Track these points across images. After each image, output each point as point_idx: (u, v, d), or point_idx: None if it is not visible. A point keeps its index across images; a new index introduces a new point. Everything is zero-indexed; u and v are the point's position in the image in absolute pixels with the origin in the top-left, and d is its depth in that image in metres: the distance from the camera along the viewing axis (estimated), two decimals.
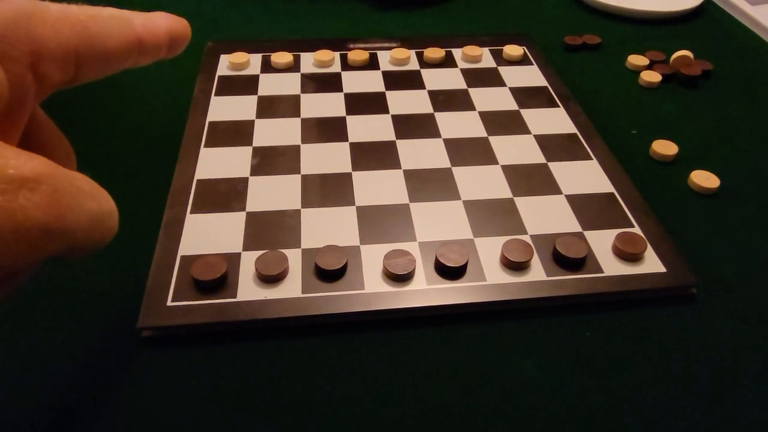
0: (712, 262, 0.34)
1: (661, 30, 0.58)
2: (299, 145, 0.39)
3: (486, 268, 0.31)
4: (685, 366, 0.28)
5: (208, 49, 0.49)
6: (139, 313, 0.28)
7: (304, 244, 0.32)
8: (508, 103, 0.44)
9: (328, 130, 0.41)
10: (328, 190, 0.36)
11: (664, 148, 0.41)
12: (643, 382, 0.28)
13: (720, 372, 0.28)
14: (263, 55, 0.49)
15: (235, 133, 0.40)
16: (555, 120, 0.43)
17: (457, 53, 0.50)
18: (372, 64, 0.48)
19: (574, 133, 0.41)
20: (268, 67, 0.47)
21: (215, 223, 0.33)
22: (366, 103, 0.44)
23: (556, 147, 0.40)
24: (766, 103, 0.48)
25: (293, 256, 0.31)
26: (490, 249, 0.32)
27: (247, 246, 0.32)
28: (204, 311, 0.28)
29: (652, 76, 0.49)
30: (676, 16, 0.60)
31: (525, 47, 0.51)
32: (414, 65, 0.48)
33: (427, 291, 0.30)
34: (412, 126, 0.42)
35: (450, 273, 0.31)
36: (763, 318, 0.31)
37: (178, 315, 0.28)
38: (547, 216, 0.35)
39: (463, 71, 0.48)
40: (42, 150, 0.17)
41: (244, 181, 0.36)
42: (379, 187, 0.36)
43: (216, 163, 0.38)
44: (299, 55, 0.49)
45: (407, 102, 0.44)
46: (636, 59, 0.52)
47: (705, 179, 0.39)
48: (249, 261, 0.31)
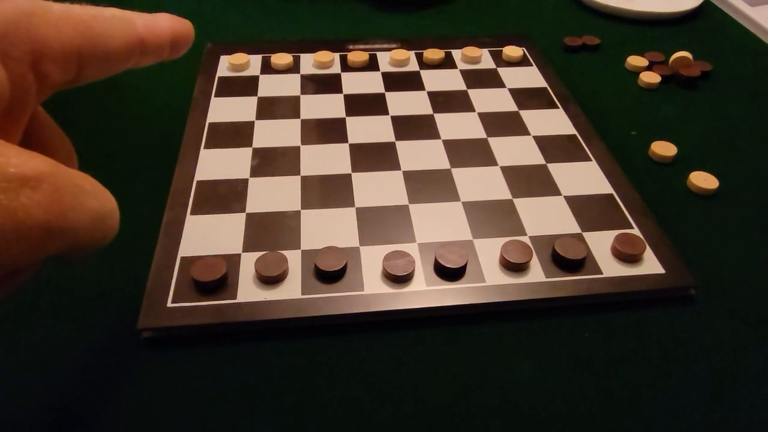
0: (711, 263, 0.34)
1: (660, 31, 0.58)
2: (299, 146, 0.39)
3: (485, 270, 0.31)
4: (684, 366, 0.29)
5: (207, 50, 0.49)
6: (139, 314, 0.28)
7: (303, 246, 0.32)
8: (508, 104, 0.44)
9: (328, 131, 0.41)
10: (328, 192, 0.36)
11: (663, 149, 0.41)
12: (643, 382, 0.28)
13: (719, 372, 0.28)
14: (263, 56, 0.49)
15: (235, 135, 0.40)
16: (554, 121, 0.43)
17: (456, 54, 0.50)
18: (372, 65, 0.48)
19: (574, 134, 0.41)
20: (268, 68, 0.47)
21: (215, 225, 0.33)
22: (366, 105, 0.44)
23: (555, 148, 0.40)
24: (765, 104, 0.48)
25: (293, 258, 0.31)
26: (489, 250, 0.32)
27: (247, 247, 0.32)
28: (204, 312, 0.29)
29: (651, 77, 0.49)
30: (675, 17, 0.60)
31: (524, 48, 0.51)
32: (414, 66, 0.49)
33: (426, 292, 0.30)
34: (412, 127, 0.42)
35: (449, 274, 0.31)
36: (762, 318, 0.31)
37: (178, 316, 0.28)
38: (546, 217, 0.35)
39: (463, 72, 0.48)
40: (43, 149, 0.17)
41: (244, 182, 0.36)
42: (378, 189, 0.36)
43: (216, 164, 0.38)
44: (299, 56, 0.49)
45: (407, 103, 0.44)
46: (635, 60, 0.52)
47: (704, 180, 0.39)
48: (249, 262, 0.31)
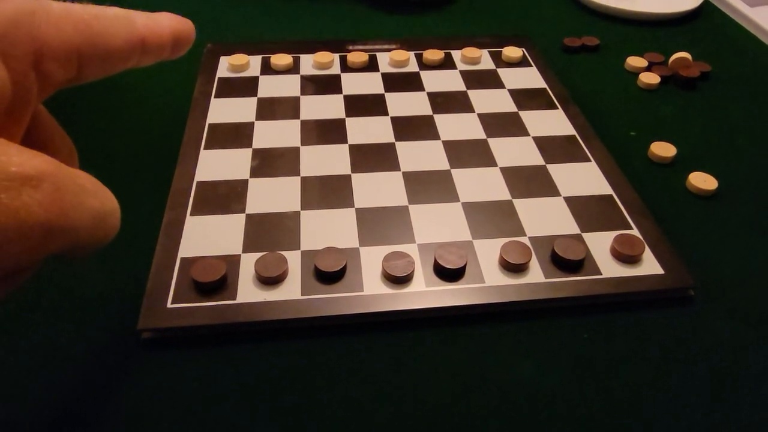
0: (710, 263, 0.34)
1: (659, 32, 0.58)
2: (299, 147, 0.39)
3: (485, 270, 0.31)
4: (683, 367, 0.29)
5: (207, 51, 0.49)
6: (139, 315, 0.28)
7: (303, 246, 0.32)
8: (507, 105, 0.44)
9: (328, 132, 0.41)
10: (328, 192, 0.36)
11: (663, 150, 0.41)
12: (642, 383, 0.28)
13: (718, 373, 0.28)
14: (263, 57, 0.49)
15: (235, 135, 0.40)
16: (554, 122, 0.43)
17: (456, 55, 0.50)
18: (371, 66, 0.48)
19: (573, 135, 0.42)
20: (267, 68, 0.47)
21: (215, 225, 0.33)
22: (365, 105, 0.44)
23: (554, 149, 0.40)
24: (764, 104, 0.48)
25: (293, 258, 0.31)
26: (488, 251, 0.32)
27: (247, 248, 0.32)
28: (204, 313, 0.29)
29: (650, 78, 0.50)
30: (674, 18, 0.60)
31: (524, 49, 0.51)
32: (413, 67, 0.49)
33: (425, 293, 0.30)
34: (412, 128, 0.42)
35: (449, 275, 0.31)
36: (762, 319, 0.31)
37: (178, 317, 0.28)
38: (545, 218, 0.35)
39: (462, 73, 0.48)
40: (44, 148, 0.17)
41: (244, 182, 0.36)
42: (378, 189, 0.36)
43: (216, 164, 0.38)
44: (299, 56, 0.49)
45: (406, 104, 0.44)
46: (635, 61, 0.52)
47: (703, 181, 0.39)
48: (249, 263, 0.31)
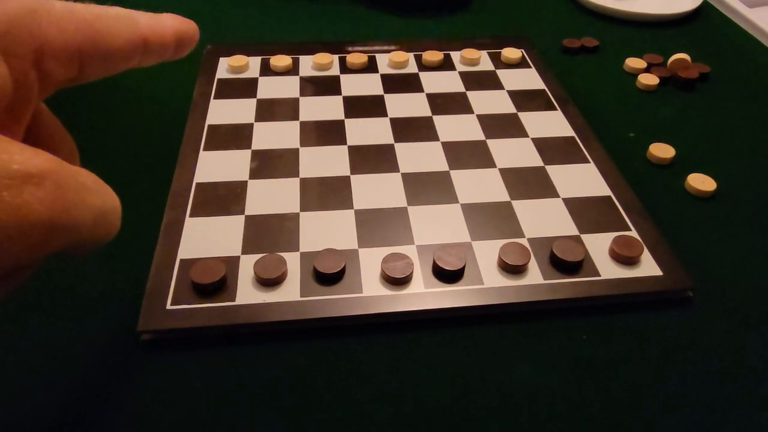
0: (709, 264, 0.34)
1: (658, 33, 0.59)
2: (298, 149, 0.39)
3: (483, 272, 0.31)
4: (682, 368, 0.29)
5: (207, 52, 0.49)
6: (138, 316, 0.28)
7: (302, 248, 0.32)
8: (506, 106, 0.44)
9: (327, 133, 0.41)
10: (327, 194, 0.36)
11: (662, 151, 0.41)
12: (641, 384, 0.28)
13: (717, 374, 0.28)
14: (262, 58, 0.49)
15: (234, 136, 0.40)
16: (553, 123, 0.43)
17: (455, 56, 0.50)
18: (371, 67, 0.48)
19: (572, 136, 0.42)
20: (267, 70, 0.47)
21: (214, 227, 0.33)
22: (364, 106, 0.44)
23: (553, 150, 0.40)
24: (763, 105, 0.48)
25: (292, 260, 0.31)
26: (487, 252, 0.32)
27: (246, 249, 0.32)
28: (203, 315, 0.29)
29: (649, 79, 0.50)
30: (673, 19, 0.60)
31: (523, 50, 0.51)
32: (413, 68, 0.49)
33: (424, 294, 0.30)
34: (411, 129, 0.42)
35: (448, 276, 0.31)
36: (761, 320, 0.31)
37: (177, 318, 0.28)
38: (544, 219, 0.35)
39: (462, 74, 0.48)
40: (46, 146, 0.17)
41: (243, 184, 0.36)
42: (377, 191, 0.36)
43: (215, 166, 0.38)
44: (298, 58, 0.49)
45: (406, 105, 0.44)
46: (634, 62, 0.52)
47: (702, 182, 0.39)
48: (248, 264, 0.31)
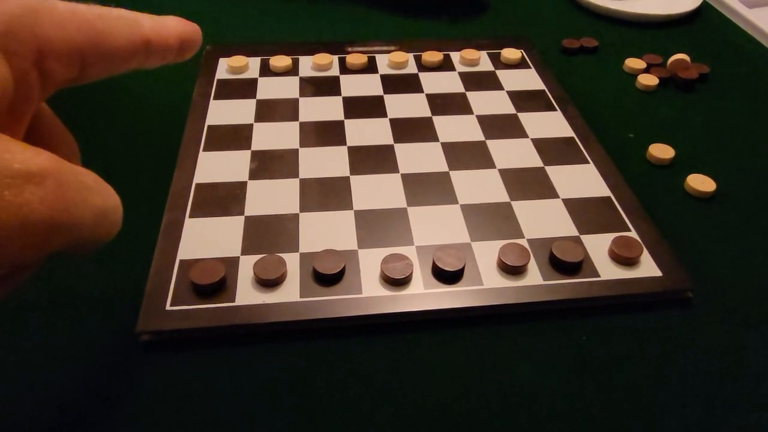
0: (708, 265, 0.34)
1: (658, 33, 0.59)
2: (297, 149, 0.39)
3: (483, 273, 0.31)
4: (681, 369, 0.29)
5: (206, 53, 0.49)
6: (137, 317, 0.28)
7: (302, 248, 0.32)
8: (506, 107, 0.44)
9: (327, 133, 0.41)
10: (326, 194, 0.36)
11: (661, 152, 0.41)
12: (640, 384, 0.28)
13: (717, 375, 0.28)
14: (262, 59, 0.49)
15: (234, 137, 0.40)
16: (552, 124, 0.43)
17: (455, 56, 0.50)
18: (370, 68, 0.48)
19: (572, 137, 0.42)
20: (266, 70, 0.47)
21: (214, 227, 0.33)
22: (364, 107, 0.44)
23: (553, 151, 0.40)
24: (762, 106, 0.48)
25: (291, 261, 0.31)
26: (487, 253, 0.32)
27: (246, 250, 0.32)
28: (202, 315, 0.29)
29: (649, 80, 0.50)
30: (673, 19, 0.60)
31: (523, 50, 0.51)
32: (412, 69, 0.49)
33: (424, 295, 0.30)
34: (410, 130, 0.42)
35: (447, 277, 0.31)
36: (760, 320, 0.31)
37: (176, 319, 0.28)
38: (544, 220, 0.35)
39: (461, 75, 0.48)
40: (47, 146, 0.17)
41: (243, 184, 0.36)
42: (376, 191, 0.36)
43: (215, 166, 0.38)
44: (298, 58, 0.49)
45: (405, 106, 0.44)
46: (633, 62, 0.52)
47: (701, 183, 0.39)
48: (247, 265, 0.31)
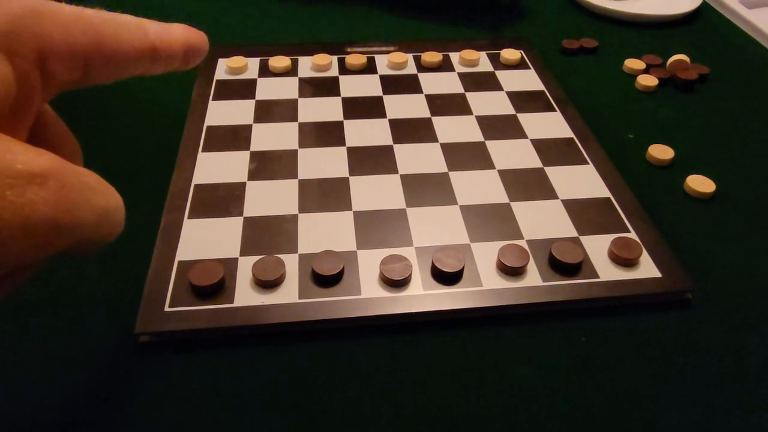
0: (708, 266, 0.34)
1: (657, 34, 0.58)
2: (296, 150, 0.39)
3: (482, 274, 0.31)
4: (681, 370, 0.29)
5: None
6: (136, 318, 0.28)
7: (301, 250, 0.32)
8: (505, 108, 0.44)
9: (326, 134, 0.41)
10: (325, 195, 0.36)
11: (661, 153, 0.41)
12: (640, 385, 0.28)
13: (716, 376, 0.28)
14: (261, 59, 0.49)
15: (233, 138, 0.40)
16: (552, 124, 0.43)
17: (454, 57, 0.50)
18: (369, 68, 0.48)
19: (571, 138, 0.42)
20: (265, 71, 0.47)
21: (213, 228, 0.33)
22: (363, 108, 0.44)
23: (552, 151, 0.40)
24: (762, 107, 0.48)
25: (290, 262, 0.31)
26: (486, 254, 0.32)
27: (245, 251, 0.32)
28: (201, 317, 0.29)
29: (648, 80, 0.50)
30: (672, 20, 0.60)
31: (522, 51, 0.51)
32: (411, 69, 0.49)
33: (423, 296, 0.30)
34: (410, 130, 0.42)
35: (446, 278, 0.31)
36: (760, 321, 0.31)
37: (175, 320, 0.28)
38: (543, 221, 0.35)
39: (461, 75, 0.48)
40: (49, 146, 0.17)
41: (242, 185, 0.36)
42: (375, 192, 0.36)
43: (213, 167, 0.38)
44: (297, 59, 0.49)
45: (404, 106, 0.44)
46: (633, 63, 0.52)
47: (701, 184, 0.39)
48: (246, 266, 0.31)
